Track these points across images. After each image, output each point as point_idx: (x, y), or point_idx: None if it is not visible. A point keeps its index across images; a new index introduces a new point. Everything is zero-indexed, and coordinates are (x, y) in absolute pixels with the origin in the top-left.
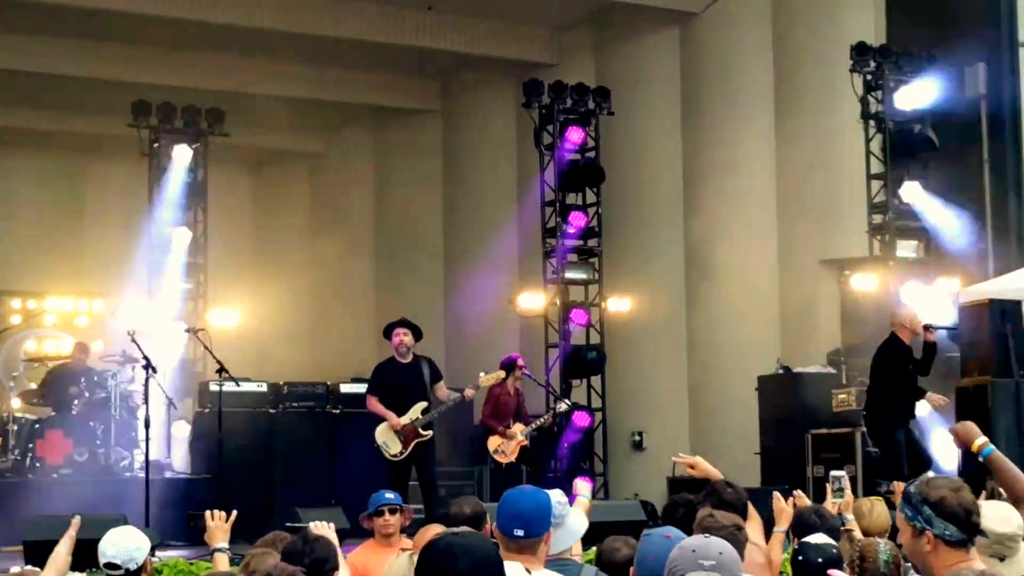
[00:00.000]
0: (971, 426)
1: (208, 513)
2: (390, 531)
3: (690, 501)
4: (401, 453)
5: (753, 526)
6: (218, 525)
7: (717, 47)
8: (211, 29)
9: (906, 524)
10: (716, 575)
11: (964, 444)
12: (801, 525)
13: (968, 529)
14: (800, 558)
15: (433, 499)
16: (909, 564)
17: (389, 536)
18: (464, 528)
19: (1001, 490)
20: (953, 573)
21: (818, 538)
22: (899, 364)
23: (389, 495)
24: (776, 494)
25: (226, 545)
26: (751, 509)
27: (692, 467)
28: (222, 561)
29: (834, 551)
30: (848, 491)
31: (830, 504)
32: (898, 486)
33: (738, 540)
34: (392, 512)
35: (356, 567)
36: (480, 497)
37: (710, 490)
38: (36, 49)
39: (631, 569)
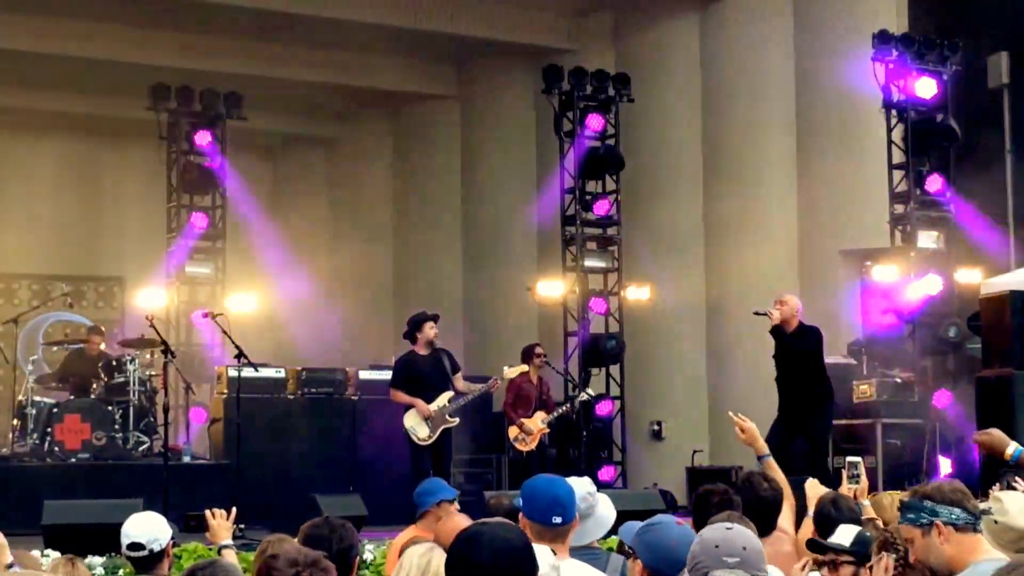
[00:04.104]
0: (997, 434)
1: (209, 512)
2: None
3: (725, 490)
4: (429, 437)
5: (785, 511)
6: (220, 523)
7: (738, 33)
8: (230, 12)
9: (912, 529)
10: (740, 572)
11: (992, 453)
12: (819, 516)
13: (971, 510)
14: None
15: None
16: None
17: None
18: (497, 518)
19: (1016, 483)
20: (1010, 565)
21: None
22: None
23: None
24: (810, 481)
25: (231, 542)
26: (786, 491)
27: (743, 430)
28: (230, 558)
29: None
30: (864, 477)
31: (846, 490)
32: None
33: None
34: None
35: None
36: (498, 486)
37: (746, 483)
38: (56, 32)
39: (638, 562)
